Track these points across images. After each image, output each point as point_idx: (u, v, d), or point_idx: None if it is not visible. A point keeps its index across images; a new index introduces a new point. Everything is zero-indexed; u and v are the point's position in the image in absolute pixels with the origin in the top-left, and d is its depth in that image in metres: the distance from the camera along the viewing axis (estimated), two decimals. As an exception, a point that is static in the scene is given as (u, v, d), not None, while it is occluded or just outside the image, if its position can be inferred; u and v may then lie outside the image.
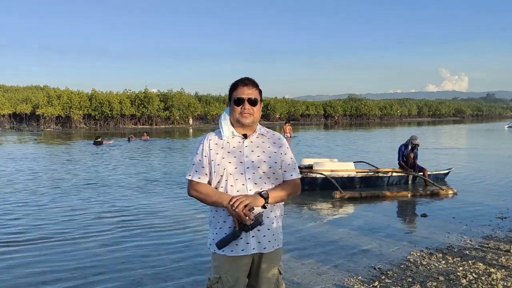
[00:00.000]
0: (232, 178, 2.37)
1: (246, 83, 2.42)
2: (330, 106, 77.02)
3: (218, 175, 2.39)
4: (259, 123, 2.54)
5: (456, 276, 4.57)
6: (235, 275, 2.40)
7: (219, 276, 2.40)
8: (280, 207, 2.51)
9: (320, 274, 4.76)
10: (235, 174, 2.37)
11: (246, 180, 2.37)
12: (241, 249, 2.37)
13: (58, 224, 6.94)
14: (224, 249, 2.38)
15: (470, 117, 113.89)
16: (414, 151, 10.98)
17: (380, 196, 9.35)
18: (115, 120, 50.49)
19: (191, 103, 55.28)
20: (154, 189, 10.16)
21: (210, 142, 2.43)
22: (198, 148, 2.46)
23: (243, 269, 2.42)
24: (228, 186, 2.38)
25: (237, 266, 2.40)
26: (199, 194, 2.42)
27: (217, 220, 2.44)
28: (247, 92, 2.39)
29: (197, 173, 2.42)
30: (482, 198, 9.28)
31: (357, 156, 16.31)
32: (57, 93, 48.59)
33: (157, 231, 6.55)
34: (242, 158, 2.39)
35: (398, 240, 6.17)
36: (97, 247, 5.77)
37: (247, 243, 2.37)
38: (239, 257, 2.39)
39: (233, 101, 2.41)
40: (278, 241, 2.50)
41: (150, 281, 4.59)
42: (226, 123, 2.43)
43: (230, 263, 2.40)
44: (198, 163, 2.43)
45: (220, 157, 2.38)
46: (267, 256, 2.44)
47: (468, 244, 5.91)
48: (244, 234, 2.34)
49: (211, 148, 2.41)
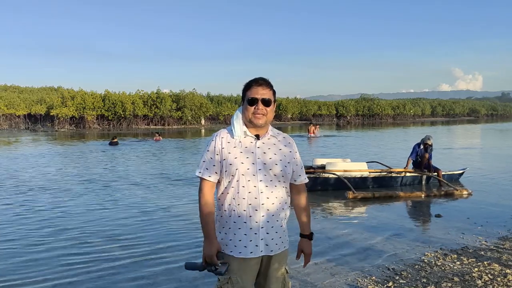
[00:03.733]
0: (244, 179, 2.36)
1: (260, 83, 2.41)
2: (342, 106, 76.59)
3: (229, 175, 2.37)
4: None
5: (471, 277, 4.53)
6: (245, 276, 2.40)
7: (229, 277, 2.39)
8: (285, 207, 2.51)
9: (334, 274, 4.75)
10: (247, 175, 2.36)
11: (258, 181, 2.36)
12: (250, 252, 2.38)
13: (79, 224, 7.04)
14: (232, 250, 2.39)
15: (485, 116, 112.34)
16: (429, 151, 10.88)
17: (393, 196, 9.29)
18: (128, 120, 50.84)
19: (203, 104, 55.41)
20: (173, 189, 10.24)
21: (223, 140, 2.40)
22: (209, 145, 2.42)
23: (252, 270, 2.43)
24: (239, 187, 2.36)
25: (246, 267, 2.40)
26: (202, 196, 2.41)
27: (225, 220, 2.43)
28: (261, 92, 2.38)
29: (208, 171, 2.39)
30: (497, 198, 9.17)
31: (370, 156, 16.21)
32: (71, 94, 49.06)
33: (171, 231, 6.60)
34: (254, 159, 2.37)
35: (412, 240, 6.13)
36: (110, 245, 5.84)
37: (256, 246, 2.38)
38: (248, 258, 2.39)
39: (246, 101, 2.40)
40: (285, 243, 2.52)
41: (163, 280, 4.64)
42: (238, 122, 2.42)
43: (240, 264, 2.39)
44: (209, 161, 2.39)
45: (232, 156, 2.36)
46: (275, 258, 2.45)
47: (483, 245, 5.85)
48: (254, 236, 2.37)
49: (223, 147, 2.38)
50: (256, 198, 2.35)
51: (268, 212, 2.37)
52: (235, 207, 2.37)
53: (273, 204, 2.39)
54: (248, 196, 2.35)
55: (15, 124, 49.38)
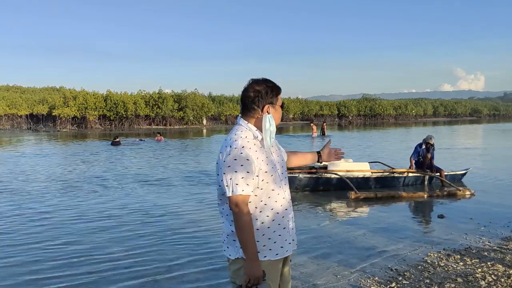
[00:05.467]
0: (275, 183, 2.32)
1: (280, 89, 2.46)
2: (344, 106, 76.56)
3: (264, 183, 2.27)
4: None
5: (475, 278, 4.51)
6: (275, 278, 2.34)
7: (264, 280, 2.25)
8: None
9: (336, 275, 4.74)
10: (272, 177, 2.31)
11: (280, 182, 2.36)
12: (286, 250, 2.37)
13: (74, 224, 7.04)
14: (266, 254, 2.28)
15: (487, 116, 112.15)
16: (431, 151, 10.85)
17: (395, 196, 9.26)
18: (130, 120, 50.90)
19: (204, 104, 55.44)
20: (177, 190, 10.23)
21: (252, 149, 2.25)
22: (239, 157, 2.20)
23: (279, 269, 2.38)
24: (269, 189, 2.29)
25: (276, 269, 2.34)
26: (244, 214, 2.18)
27: (255, 225, 2.27)
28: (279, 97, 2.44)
29: (249, 186, 2.19)
30: (500, 199, 9.13)
31: (372, 156, 16.18)
32: (73, 94, 49.13)
33: (176, 232, 6.59)
34: (274, 161, 2.36)
35: (415, 241, 6.10)
36: (113, 245, 5.83)
37: (289, 243, 2.39)
38: (279, 260, 2.35)
39: (280, 106, 2.42)
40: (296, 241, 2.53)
41: (165, 282, 4.63)
42: (269, 131, 2.31)
43: (273, 267, 2.32)
44: (247, 175, 2.19)
45: (264, 163, 2.28)
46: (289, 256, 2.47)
47: (487, 245, 5.82)
48: (287, 235, 2.36)
49: (257, 157, 2.24)
50: (284, 198, 2.37)
51: (291, 210, 2.43)
52: (267, 210, 2.29)
53: (289, 203, 2.44)
54: (280, 199, 2.34)
55: (17, 124, 49.47)
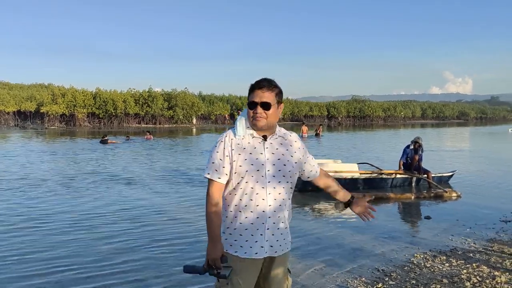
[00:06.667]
0: (253, 180, 2.35)
1: (262, 86, 2.39)
2: (334, 107, 76.93)
3: (239, 177, 2.35)
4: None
5: (460, 279, 4.57)
6: (246, 277, 2.38)
7: (230, 278, 2.34)
8: (289, 208, 2.49)
9: (324, 275, 4.76)
10: (256, 177, 2.35)
11: (266, 183, 2.35)
12: (255, 252, 2.37)
13: (64, 221, 6.98)
14: (237, 250, 2.36)
15: (474, 119, 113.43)
16: (419, 153, 10.95)
17: (383, 198, 9.34)
18: (119, 119, 50.59)
19: (194, 103, 55.32)
20: (164, 188, 10.19)
21: (232, 142, 2.37)
22: (218, 146, 2.38)
23: (254, 271, 2.41)
24: (248, 188, 2.35)
25: (249, 268, 2.38)
26: (210, 198, 2.36)
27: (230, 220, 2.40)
28: (261, 95, 2.36)
29: (217, 172, 2.36)
30: (486, 200, 9.26)
31: (361, 158, 16.28)
32: (62, 91, 48.68)
33: (164, 231, 6.57)
34: (263, 161, 2.36)
35: (402, 242, 6.16)
36: (103, 245, 5.79)
37: (262, 247, 2.37)
38: (251, 259, 2.37)
39: (247, 104, 2.41)
40: (288, 244, 2.49)
41: (154, 280, 4.61)
42: (241, 123, 2.41)
43: (242, 265, 2.36)
44: (219, 162, 2.36)
45: (242, 158, 2.35)
46: (278, 259, 2.44)
47: (472, 247, 5.90)
48: (259, 237, 2.35)
49: (233, 149, 2.36)
50: (263, 200, 2.34)
51: (275, 213, 2.37)
52: (242, 208, 2.36)
53: (280, 206, 2.38)
54: (255, 197, 2.34)
55: (4, 121, 48.91)
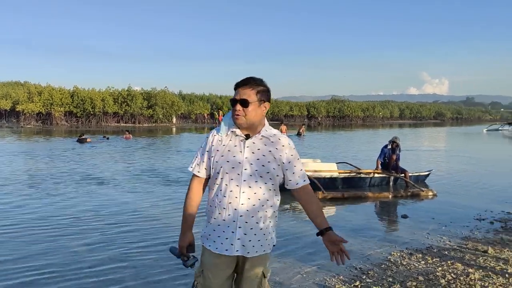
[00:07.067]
0: (227, 177, 2.36)
1: (243, 84, 2.40)
2: (314, 107, 77.45)
3: (216, 172, 2.40)
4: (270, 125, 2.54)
5: (435, 276, 4.65)
6: (216, 272, 2.40)
7: (202, 270, 2.44)
8: (271, 212, 2.45)
9: (302, 274, 4.79)
10: (232, 174, 2.36)
11: (241, 181, 2.35)
12: (225, 249, 2.37)
13: (40, 220, 6.84)
14: (210, 244, 2.42)
15: (450, 120, 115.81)
16: (397, 153, 11.11)
17: (362, 196, 9.45)
18: (97, 117, 49.87)
19: (174, 102, 54.93)
20: (145, 188, 10.08)
21: (214, 138, 2.44)
22: (203, 142, 2.50)
23: (224, 268, 2.41)
24: (222, 185, 2.37)
25: (219, 264, 2.40)
26: (188, 190, 2.51)
27: (209, 214, 2.48)
28: (241, 92, 2.37)
29: (198, 166, 2.48)
30: (461, 199, 9.46)
31: (340, 157, 16.44)
32: (38, 89, 47.66)
33: (144, 231, 6.51)
34: (240, 159, 2.36)
35: (379, 240, 6.25)
36: (78, 246, 5.70)
37: (232, 245, 2.36)
38: (222, 255, 2.39)
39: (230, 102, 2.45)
40: (265, 247, 2.43)
41: (131, 280, 4.56)
42: (226, 121, 2.47)
43: (213, 259, 2.41)
44: (201, 157, 2.48)
45: (219, 154, 2.39)
46: (251, 260, 2.41)
47: (447, 244, 6.02)
48: (230, 235, 2.36)
49: (213, 145, 2.42)
50: (236, 198, 2.34)
51: (247, 212, 2.35)
52: (217, 204, 2.40)
53: (254, 206, 2.36)
54: (229, 194, 2.35)
55: (-22, 119, 47.68)
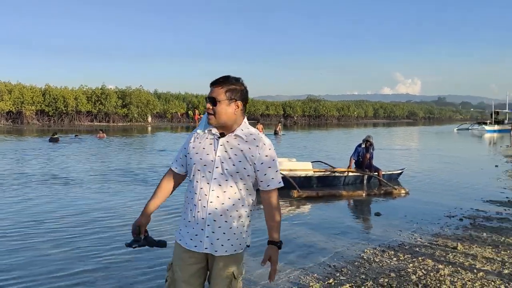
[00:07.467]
0: (199, 175, 2.37)
1: (215, 82, 2.39)
2: (290, 107, 77.96)
3: (190, 169, 2.43)
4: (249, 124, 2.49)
5: (407, 272, 4.74)
6: (185, 267, 2.40)
7: (171, 263, 2.46)
8: (242, 212, 2.39)
9: (276, 272, 4.80)
10: (203, 172, 2.36)
11: (212, 179, 2.33)
12: (194, 245, 2.37)
13: (7, 220, 6.66)
14: (181, 238, 2.44)
15: (423, 119, 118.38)
16: (370, 152, 11.28)
17: (336, 195, 9.55)
18: (70, 116, 48.90)
19: (150, 101, 54.36)
20: (115, 188, 9.93)
21: (193, 136, 2.47)
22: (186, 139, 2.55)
23: (192, 263, 2.40)
24: (194, 182, 2.39)
25: (186, 259, 2.40)
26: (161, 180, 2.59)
27: (183, 210, 2.51)
28: (212, 91, 2.37)
29: (176, 162, 2.55)
30: (432, 197, 9.68)
31: (315, 156, 16.58)
32: (8, 87, 46.37)
33: (114, 232, 6.41)
34: (212, 157, 2.35)
35: (353, 238, 6.33)
36: (51, 248, 5.57)
37: (201, 242, 2.35)
38: (191, 251, 2.39)
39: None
40: (236, 247, 2.38)
41: (103, 281, 4.49)
42: (203, 120, 2.48)
43: (182, 254, 2.42)
44: (179, 153, 2.55)
45: (194, 152, 2.40)
46: (220, 259, 2.37)
47: (419, 241, 6.15)
48: (200, 232, 2.35)
49: (191, 142, 2.45)
50: (206, 195, 2.33)
51: (216, 211, 2.32)
52: (188, 200, 2.42)
53: (223, 204, 2.33)
54: (199, 192, 2.35)
55: None
